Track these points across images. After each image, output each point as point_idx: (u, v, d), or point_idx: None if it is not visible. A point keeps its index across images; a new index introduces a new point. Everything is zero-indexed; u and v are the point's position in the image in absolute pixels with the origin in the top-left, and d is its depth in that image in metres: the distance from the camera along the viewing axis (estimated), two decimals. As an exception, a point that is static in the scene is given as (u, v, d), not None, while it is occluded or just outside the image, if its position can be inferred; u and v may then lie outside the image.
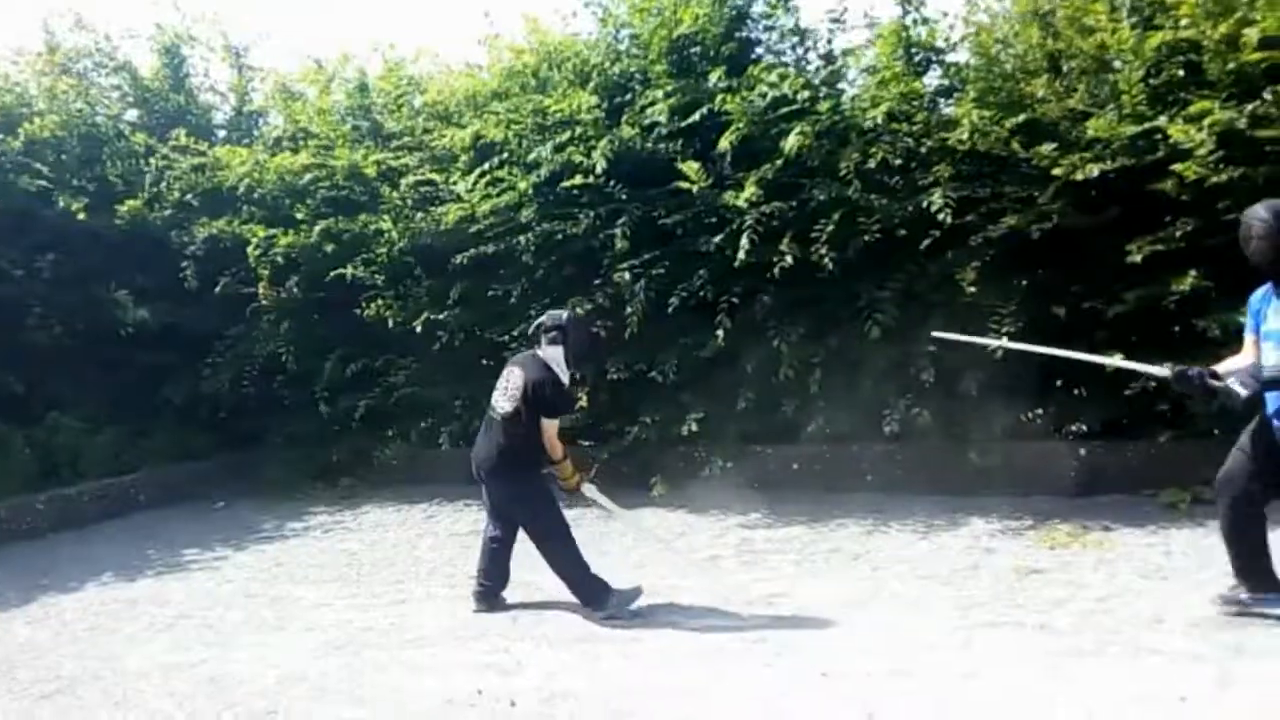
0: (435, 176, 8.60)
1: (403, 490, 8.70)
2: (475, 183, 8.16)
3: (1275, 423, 4.20)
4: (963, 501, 6.66)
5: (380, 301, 8.72)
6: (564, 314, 5.35)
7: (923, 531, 6.29)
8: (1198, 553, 5.38)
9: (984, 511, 6.44)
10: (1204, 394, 4.38)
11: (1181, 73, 6.13)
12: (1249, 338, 4.37)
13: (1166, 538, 5.69)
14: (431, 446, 8.66)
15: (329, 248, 8.84)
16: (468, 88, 8.89)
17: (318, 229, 8.80)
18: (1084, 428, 6.81)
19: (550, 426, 5.16)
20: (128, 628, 5.68)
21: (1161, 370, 4.55)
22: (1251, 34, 5.82)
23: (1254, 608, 4.37)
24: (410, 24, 27.87)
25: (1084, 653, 4.20)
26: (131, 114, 10.66)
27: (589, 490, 5.45)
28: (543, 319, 5.32)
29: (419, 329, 8.40)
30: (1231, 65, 5.92)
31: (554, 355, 5.21)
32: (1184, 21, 6.01)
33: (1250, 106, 5.80)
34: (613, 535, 6.68)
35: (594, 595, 5.18)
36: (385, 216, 8.70)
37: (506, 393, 5.22)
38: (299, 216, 9.09)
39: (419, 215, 8.59)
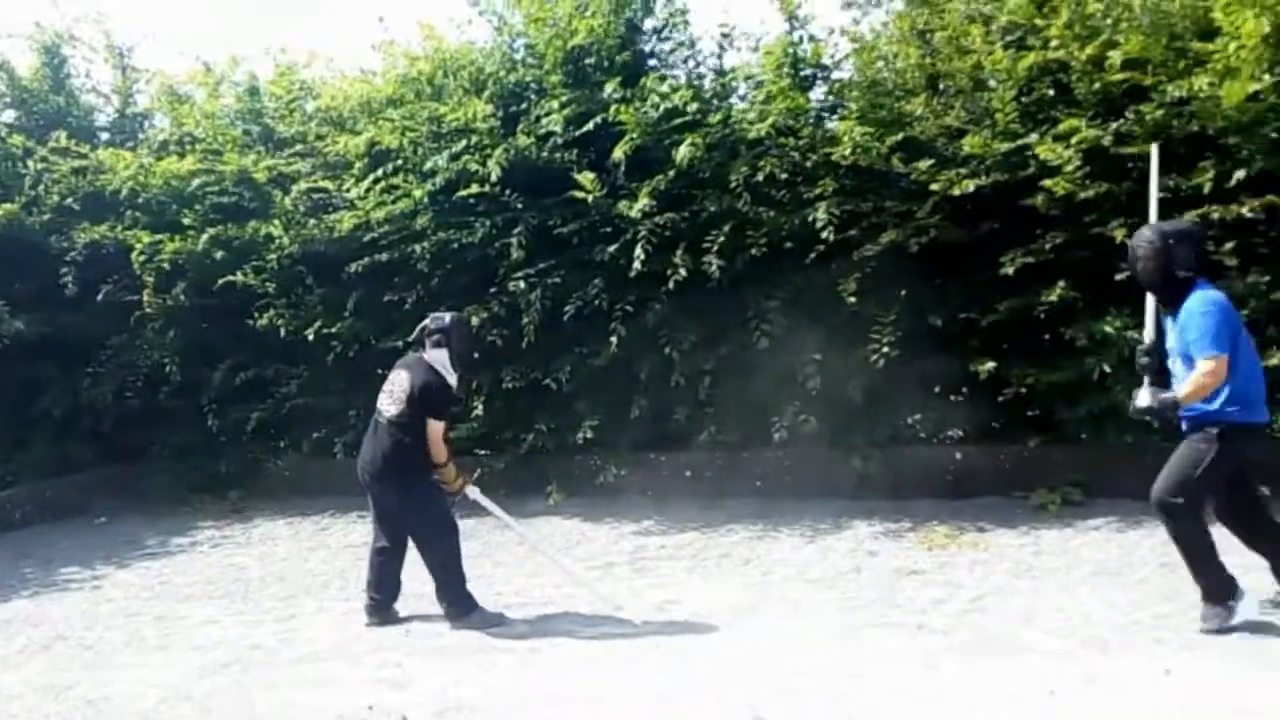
0: (328, 183, 8.49)
1: (295, 502, 8.55)
2: (370, 190, 8.07)
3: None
4: (847, 505, 6.86)
5: (272, 310, 8.55)
6: (447, 317, 5.36)
7: (810, 536, 6.46)
8: (1065, 552, 5.67)
9: (867, 515, 6.65)
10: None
11: (1051, 92, 6.43)
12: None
13: (1037, 538, 5.96)
14: (325, 457, 8.51)
15: (218, 255, 8.63)
16: (362, 94, 8.78)
17: (206, 236, 8.57)
18: (960, 433, 7.09)
19: (435, 429, 5.16)
20: (0, 650, 5.46)
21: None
22: (1115, 56, 6.15)
23: None
24: (303, 28, 27.34)
25: (960, 651, 4.37)
26: (9, 115, 10.21)
27: (472, 493, 5.45)
28: (426, 322, 5.33)
29: (312, 337, 8.27)
30: (1097, 85, 6.25)
31: (439, 358, 5.23)
32: (1054, 43, 6.32)
33: (1114, 125, 6.12)
34: (508, 545, 6.70)
35: (458, 604, 5.22)
36: (276, 223, 8.53)
37: (392, 395, 5.23)
38: (186, 222, 8.84)
39: (312, 222, 8.46)
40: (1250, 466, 4.44)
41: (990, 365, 6.32)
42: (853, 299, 6.53)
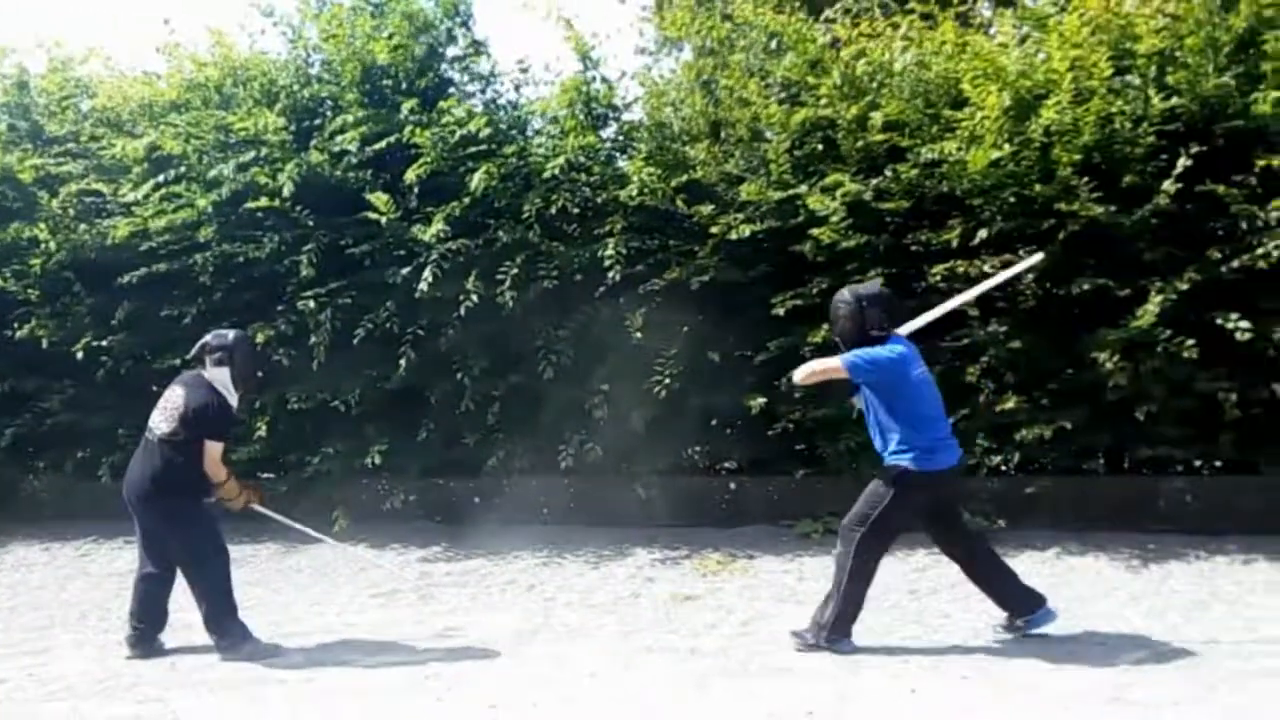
0: (103, 187, 8.00)
1: (53, 527, 8.02)
2: (149, 196, 7.68)
3: None
4: (629, 533, 7.07)
5: (34, 319, 7.99)
6: (230, 334, 5.16)
7: (593, 562, 6.63)
8: (827, 578, 5.94)
9: (648, 542, 6.87)
10: None
11: (820, 147, 6.86)
12: None
13: (800, 564, 6.33)
14: (89, 479, 8.03)
15: (-27, 257, 8.01)
16: (143, 95, 8.34)
17: (-40, 237, 7.95)
18: (734, 464, 7.45)
19: (214, 450, 4.98)
20: None
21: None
22: (877, 117, 6.65)
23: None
24: (81, 24, 25.47)
25: (729, 673, 4.59)
26: None
27: (258, 507, 5.33)
28: (207, 338, 5.12)
29: (80, 351, 7.79)
30: (861, 143, 6.71)
31: (220, 376, 5.03)
32: (823, 101, 6.75)
33: (875, 181, 6.60)
34: (287, 573, 6.53)
35: (228, 633, 5.05)
36: (42, 226, 7.98)
37: (165, 412, 4.99)
38: (-64, 221, 8.16)
39: (83, 227, 7.96)
40: (952, 502, 4.99)
41: (762, 400, 6.67)
42: (638, 333, 6.75)
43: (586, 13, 7.39)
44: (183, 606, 5.20)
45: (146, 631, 5.16)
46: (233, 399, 5.09)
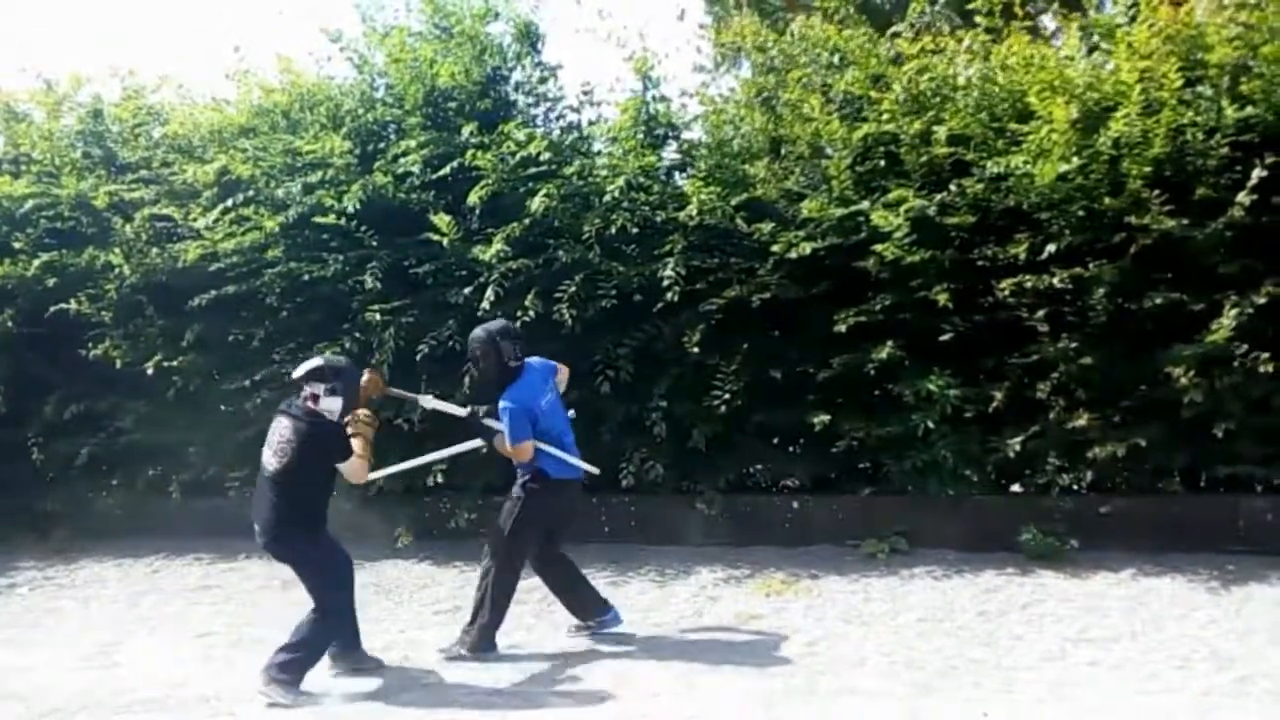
0: (174, 211, 8.21)
1: (125, 543, 8.16)
2: (218, 220, 7.86)
3: None
4: (692, 551, 7.02)
5: (108, 340, 8.20)
6: (343, 363, 5.19)
7: (657, 580, 6.60)
8: (892, 599, 5.97)
9: (710, 561, 6.80)
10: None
11: (883, 162, 6.80)
12: None
13: (866, 585, 6.23)
14: (160, 496, 8.21)
15: (50, 281, 8.23)
16: (213, 122, 8.54)
17: (38, 261, 8.18)
18: (797, 482, 7.38)
19: (348, 468, 5.01)
20: None
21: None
22: (941, 131, 6.58)
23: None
24: (153, 52, 26.32)
25: (796, 693, 4.57)
26: None
27: (428, 402, 5.80)
28: (317, 363, 5.04)
29: (151, 371, 7.97)
30: (924, 158, 6.64)
31: (331, 406, 4.97)
32: (885, 116, 6.70)
33: (939, 196, 6.52)
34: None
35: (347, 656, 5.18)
36: (116, 250, 8.20)
37: (274, 448, 4.93)
38: (17, 246, 8.41)
39: (154, 251, 8.15)
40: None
41: (825, 418, 6.60)
42: (697, 349, 6.73)
43: (643, 28, 7.41)
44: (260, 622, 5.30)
45: (341, 649, 5.21)
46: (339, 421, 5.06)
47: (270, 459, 4.95)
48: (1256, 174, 5.93)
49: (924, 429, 6.44)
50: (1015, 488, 7.01)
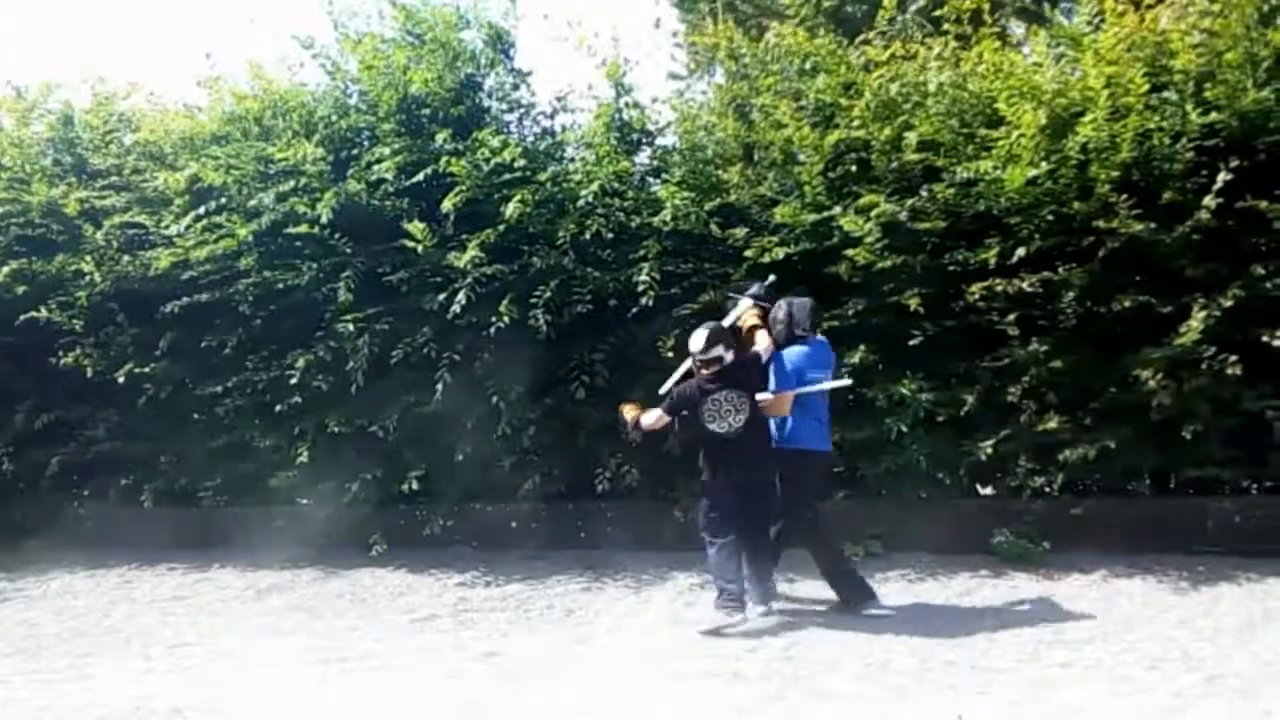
0: (145, 219, 8.15)
1: (97, 553, 8.08)
2: (190, 227, 7.80)
3: None
4: (668, 557, 7.02)
5: (79, 349, 8.13)
6: (706, 326, 5.73)
7: (633, 586, 6.59)
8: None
9: (686, 566, 6.80)
10: None
11: (854, 168, 6.85)
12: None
13: (842, 588, 6.26)
14: (132, 505, 8.14)
15: (20, 289, 8.16)
16: (185, 129, 8.48)
17: (8, 269, 8.12)
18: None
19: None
20: None
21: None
22: (911, 137, 6.64)
23: None
24: (124, 59, 26.07)
25: (771, 698, 4.56)
26: None
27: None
28: (705, 333, 5.64)
29: (122, 379, 7.91)
30: (895, 164, 6.70)
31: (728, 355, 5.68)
32: (856, 123, 6.75)
33: (910, 201, 6.57)
34: (327, 598, 6.57)
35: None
36: (87, 258, 8.13)
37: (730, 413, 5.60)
38: (-14, 254, 8.35)
39: (125, 259, 8.10)
40: None
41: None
42: (671, 354, 6.73)
43: (617, 35, 7.48)
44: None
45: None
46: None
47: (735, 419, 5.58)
48: (1222, 178, 6.02)
49: (897, 433, 6.48)
50: (988, 490, 7.06)
